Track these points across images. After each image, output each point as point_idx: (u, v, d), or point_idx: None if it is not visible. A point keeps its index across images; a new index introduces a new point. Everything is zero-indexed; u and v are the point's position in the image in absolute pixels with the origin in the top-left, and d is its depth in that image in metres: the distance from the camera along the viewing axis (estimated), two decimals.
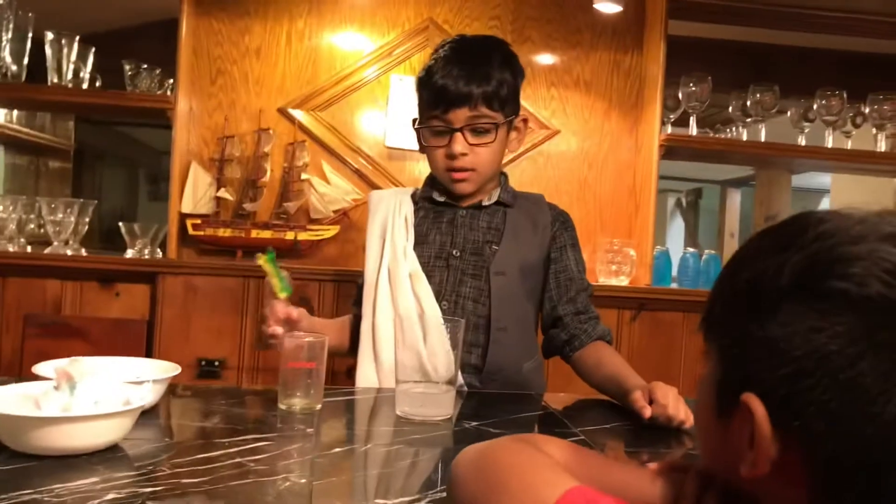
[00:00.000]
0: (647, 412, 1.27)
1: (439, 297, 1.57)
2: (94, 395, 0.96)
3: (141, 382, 1.06)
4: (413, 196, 1.69)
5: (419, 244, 1.61)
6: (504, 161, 1.73)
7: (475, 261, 1.59)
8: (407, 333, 1.30)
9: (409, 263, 1.57)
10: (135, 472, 0.90)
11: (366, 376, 1.55)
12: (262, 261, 1.39)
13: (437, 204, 1.66)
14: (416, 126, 1.65)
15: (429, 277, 1.57)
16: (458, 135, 1.55)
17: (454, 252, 1.60)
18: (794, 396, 0.52)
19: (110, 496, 0.81)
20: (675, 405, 1.27)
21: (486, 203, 1.64)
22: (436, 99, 1.55)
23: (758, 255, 0.58)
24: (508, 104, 1.58)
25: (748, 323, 0.56)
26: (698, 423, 0.65)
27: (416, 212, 1.66)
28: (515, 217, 1.64)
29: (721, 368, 0.60)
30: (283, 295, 1.40)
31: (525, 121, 1.67)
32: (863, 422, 0.49)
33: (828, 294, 0.52)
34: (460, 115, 1.54)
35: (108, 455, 0.95)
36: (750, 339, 0.55)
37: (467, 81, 1.52)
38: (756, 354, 0.55)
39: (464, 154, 1.55)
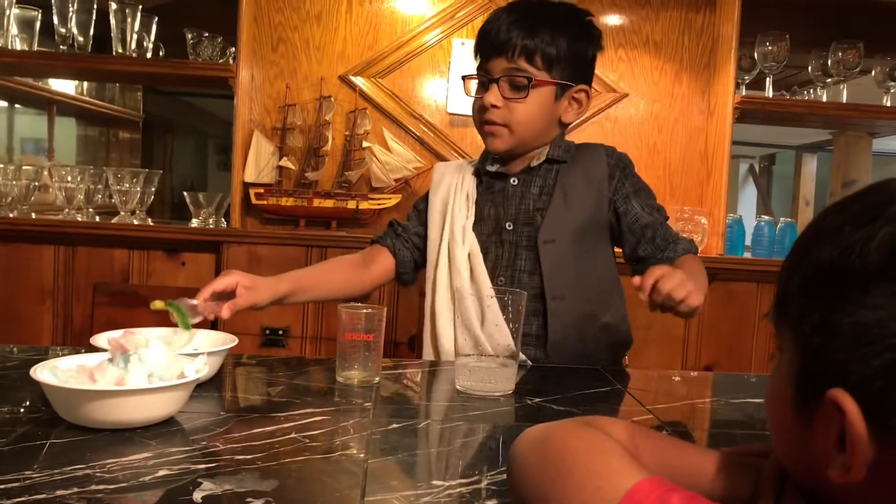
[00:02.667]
0: (637, 280, 1.19)
1: (495, 272, 1.53)
2: (148, 368, 0.95)
3: (196, 355, 1.04)
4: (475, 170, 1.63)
5: (477, 221, 1.56)
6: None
7: (528, 231, 1.52)
8: (463, 312, 1.26)
9: (468, 244, 1.53)
10: (188, 446, 0.89)
11: (429, 356, 1.54)
12: (159, 307, 1.22)
13: (490, 175, 1.59)
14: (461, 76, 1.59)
15: (485, 254, 1.53)
16: (494, 85, 1.48)
17: (507, 225, 1.53)
18: (893, 389, 0.45)
19: (162, 472, 0.80)
20: (671, 286, 1.17)
21: (534, 164, 1.55)
22: (478, 46, 1.51)
23: (838, 231, 0.51)
24: (559, 66, 1.48)
25: (832, 308, 0.49)
26: (772, 419, 0.58)
27: (476, 186, 1.60)
28: (567, 175, 1.54)
29: (800, 360, 0.53)
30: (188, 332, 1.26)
31: (586, 92, 1.54)
32: None
33: None
34: (498, 66, 1.47)
35: (163, 429, 0.94)
36: (835, 325, 0.49)
37: (509, 29, 1.45)
38: (844, 343, 0.48)
39: (495, 106, 1.48)
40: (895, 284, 0.46)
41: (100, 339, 1.12)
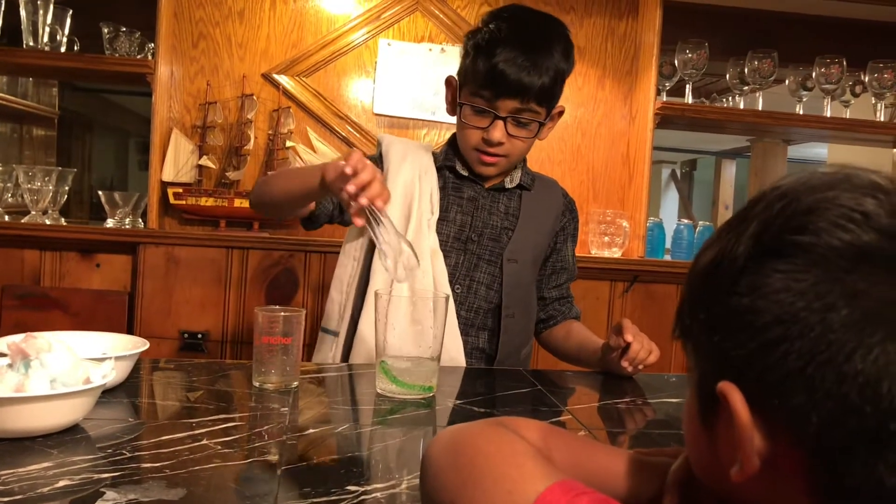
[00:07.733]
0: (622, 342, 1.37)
1: (453, 279, 1.53)
2: (51, 373, 0.91)
3: (103, 359, 1.00)
4: (435, 160, 1.59)
5: (441, 220, 1.55)
6: None
7: (492, 246, 1.56)
8: (420, 310, 1.24)
9: (432, 240, 1.52)
10: (93, 455, 0.85)
11: (364, 339, 1.48)
12: None
13: (459, 176, 1.59)
14: (459, 100, 1.52)
15: (445, 257, 1.53)
16: (500, 122, 1.47)
17: (472, 236, 1.55)
18: (769, 371, 0.46)
19: (63, 482, 0.76)
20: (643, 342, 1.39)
21: (508, 186, 1.59)
22: (490, 81, 1.44)
23: (716, 238, 0.54)
24: (556, 97, 1.51)
25: (712, 303, 0.51)
26: (687, 438, 0.59)
27: (437, 179, 1.58)
28: (532, 202, 1.61)
29: (698, 369, 0.54)
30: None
31: (561, 112, 1.58)
32: (843, 384, 0.43)
33: (788, 251, 0.47)
34: (508, 105, 1.45)
35: (67, 437, 0.90)
36: (715, 318, 0.50)
37: (529, 73, 1.42)
38: (724, 335, 0.49)
39: (500, 143, 1.48)
40: (762, 268, 0.48)
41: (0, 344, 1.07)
